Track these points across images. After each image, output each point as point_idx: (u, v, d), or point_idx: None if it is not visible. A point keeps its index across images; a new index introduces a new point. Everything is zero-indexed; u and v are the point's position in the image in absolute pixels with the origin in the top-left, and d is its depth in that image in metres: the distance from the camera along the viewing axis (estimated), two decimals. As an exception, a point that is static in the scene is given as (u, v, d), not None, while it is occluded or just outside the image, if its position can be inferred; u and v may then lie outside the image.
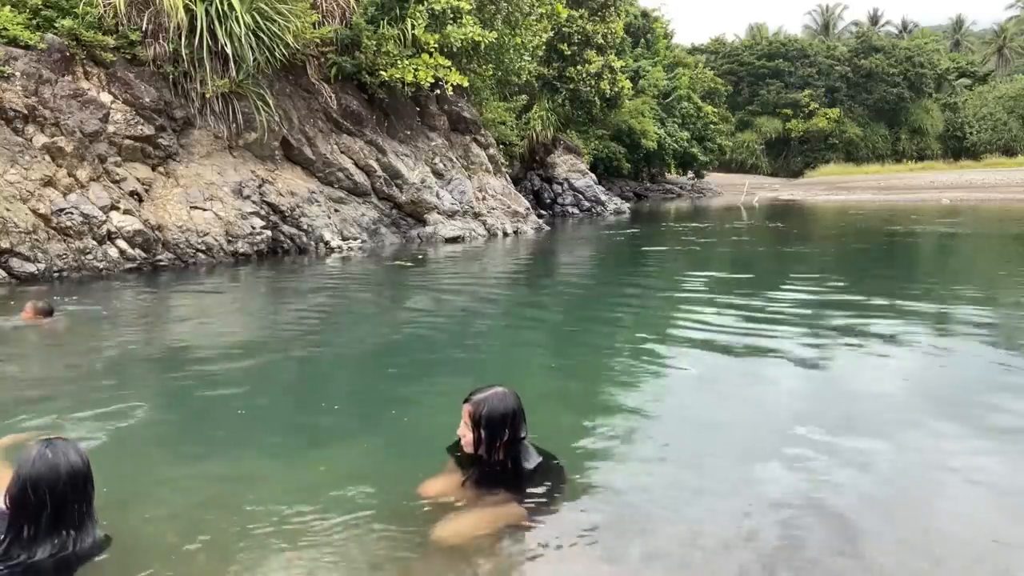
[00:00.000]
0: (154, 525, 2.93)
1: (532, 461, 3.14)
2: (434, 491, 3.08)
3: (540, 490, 3.09)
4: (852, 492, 3.24)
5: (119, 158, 10.77)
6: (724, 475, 3.45)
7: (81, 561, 2.47)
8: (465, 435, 3.09)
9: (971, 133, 61.70)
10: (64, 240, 9.73)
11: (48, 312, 6.60)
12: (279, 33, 11.84)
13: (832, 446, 3.73)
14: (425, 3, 14.35)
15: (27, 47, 10.35)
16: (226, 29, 11.32)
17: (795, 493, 3.24)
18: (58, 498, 2.43)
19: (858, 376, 5.16)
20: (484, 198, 17.25)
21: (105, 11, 11.10)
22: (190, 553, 2.73)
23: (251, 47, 11.53)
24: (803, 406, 4.50)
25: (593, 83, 26.06)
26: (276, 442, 3.88)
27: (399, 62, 13.83)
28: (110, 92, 10.95)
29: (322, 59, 13.89)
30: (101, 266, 9.89)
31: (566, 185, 26.01)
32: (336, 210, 13.65)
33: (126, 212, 10.45)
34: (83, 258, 9.79)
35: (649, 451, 3.78)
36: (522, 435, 3.08)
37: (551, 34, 21.92)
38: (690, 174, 44.23)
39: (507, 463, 3.07)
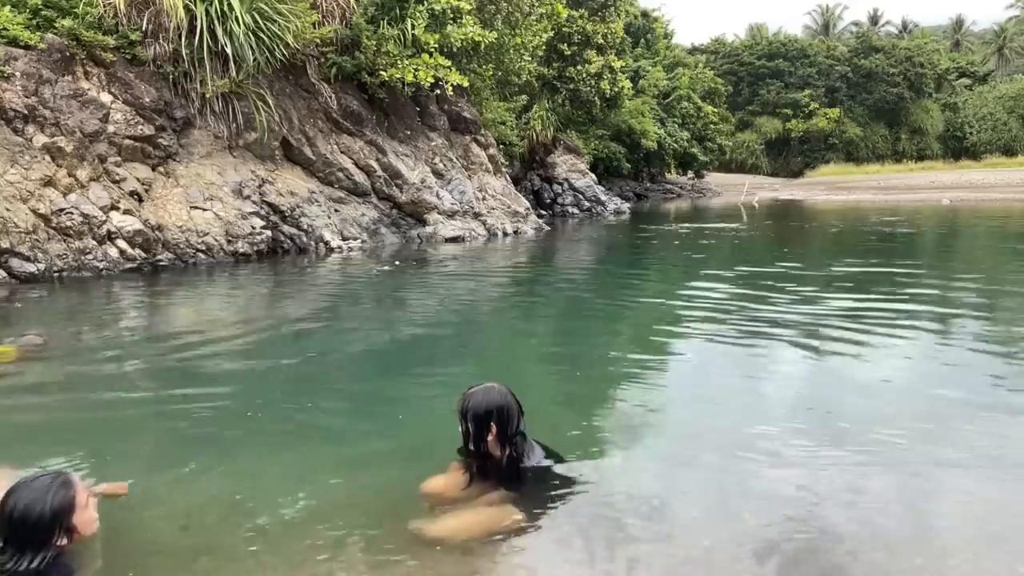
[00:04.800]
0: (154, 525, 2.93)
1: (534, 458, 3.16)
2: (436, 489, 3.10)
3: (541, 488, 3.09)
4: (851, 493, 3.24)
5: (119, 158, 10.77)
6: (722, 476, 3.46)
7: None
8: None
9: (971, 133, 61.70)
10: (64, 240, 9.73)
11: None
12: (279, 33, 11.84)
13: (831, 446, 3.74)
14: (425, 3, 14.35)
15: (27, 47, 10.35)
16: (226, 29, 11.32)
17: (794, 493, 3.24)
18: (40, 531, 2.43)
19: (857, 377, 5.16)
20: (484, 198, 17.25)
21: (105, 11, 11.10)
22: (190, 553, 2.74)
23: (251, 47, 11.53)
24: (802, 406, 4.50)
25: (593, 83, 26.05)
26: (276, 441, 3.88)
27: (399, 62, 13.82)
28: (110, 92, 10.95)
29: (322, 59, 13.90)
30: (101, 266, 9.89)
31: (566, 185, 26.00)
32: (336, 210, 13.65)
33: (126, 212, 10.45)
34: (83, 258, 9.78)
35: (648, 451, 3.79)
36: (513, 431, 3.09)
37: (551, 34, 21.91)
38: (690, 174, 44.21)
39: (502, 460, 3.08)
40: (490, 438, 3.08)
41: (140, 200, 10.87)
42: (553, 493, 3.09)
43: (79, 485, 2.56)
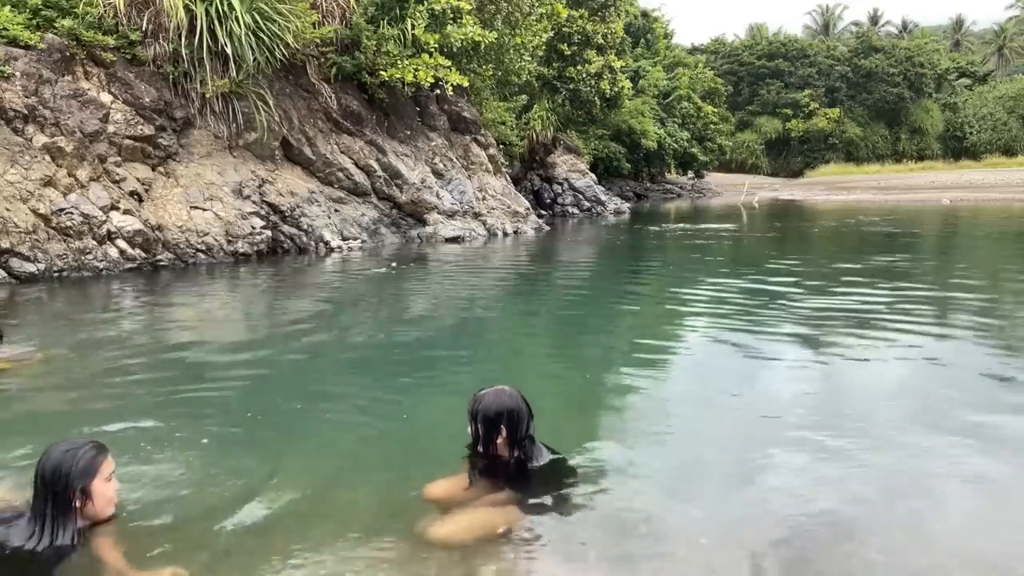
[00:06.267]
0: (153, 524, 2.93)
1: (541, 460, 3.15)
2: (438, 493, 3.09)
3: (546, 490, 3.09)
4: (851, 495, 3.24)
5: (119, 158, 10.76)
6: (723, 477, 3.45)
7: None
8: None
9: (971, 133, 61.73)
10: (64, 240, 9.73)
11: None
12: (279, 33, 11.84)
13: (830, 447, 3.73)
14: (425, 3, 14.35)
15: (27, 47, 10.34)
16: (226, 29, 11.32)
17: (796, 493, 3.24)
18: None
19: (859, 375, 5.16)
20: (484, 198, 17.25)
21: (105, 11, 11.10)
22: (190, 553, 2.73)
23: (251, 47, 11.53)
24: (805, 406, 4.50)
25: (593, 83, 26.05)
26: (276, 442, 3.87)
27: (399, 62, 13.82)
28: (110, 92, 10.95)
29: (322, 59, 13.89)
30: (101, 266, 9.89)
31: (566, 185, 26.00)
32: (336, 210, 13.64)
33: (126, 212, 10.45)
34: (83, 258, 9.78)
35: (652, 453, 3.78)
36: (523, 434, 3.09)
37: (551, 34, 21.92)
38: (690, 174, 44.23)
39: (510, 462, 3.08)
40: (499, 441, 3.07)
41: (140, 200, 10.87)
42: (558, 495, 3.09)
43: (109, 458, 2.80)
